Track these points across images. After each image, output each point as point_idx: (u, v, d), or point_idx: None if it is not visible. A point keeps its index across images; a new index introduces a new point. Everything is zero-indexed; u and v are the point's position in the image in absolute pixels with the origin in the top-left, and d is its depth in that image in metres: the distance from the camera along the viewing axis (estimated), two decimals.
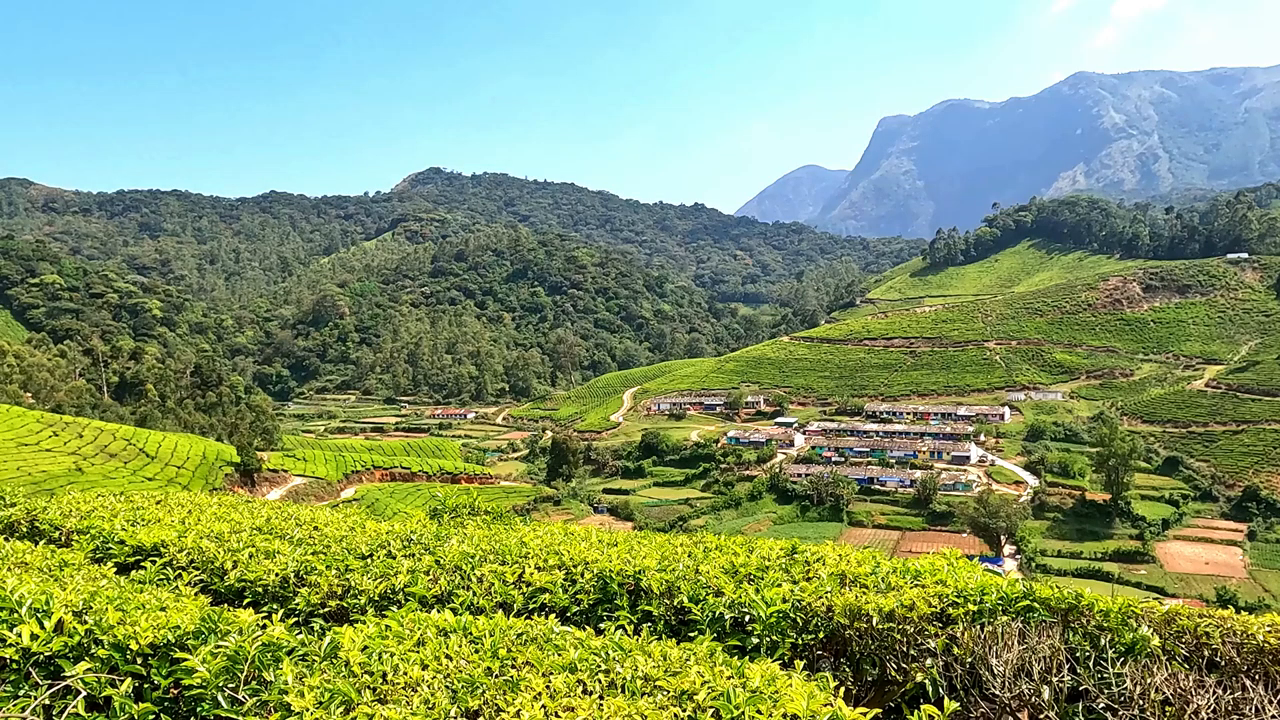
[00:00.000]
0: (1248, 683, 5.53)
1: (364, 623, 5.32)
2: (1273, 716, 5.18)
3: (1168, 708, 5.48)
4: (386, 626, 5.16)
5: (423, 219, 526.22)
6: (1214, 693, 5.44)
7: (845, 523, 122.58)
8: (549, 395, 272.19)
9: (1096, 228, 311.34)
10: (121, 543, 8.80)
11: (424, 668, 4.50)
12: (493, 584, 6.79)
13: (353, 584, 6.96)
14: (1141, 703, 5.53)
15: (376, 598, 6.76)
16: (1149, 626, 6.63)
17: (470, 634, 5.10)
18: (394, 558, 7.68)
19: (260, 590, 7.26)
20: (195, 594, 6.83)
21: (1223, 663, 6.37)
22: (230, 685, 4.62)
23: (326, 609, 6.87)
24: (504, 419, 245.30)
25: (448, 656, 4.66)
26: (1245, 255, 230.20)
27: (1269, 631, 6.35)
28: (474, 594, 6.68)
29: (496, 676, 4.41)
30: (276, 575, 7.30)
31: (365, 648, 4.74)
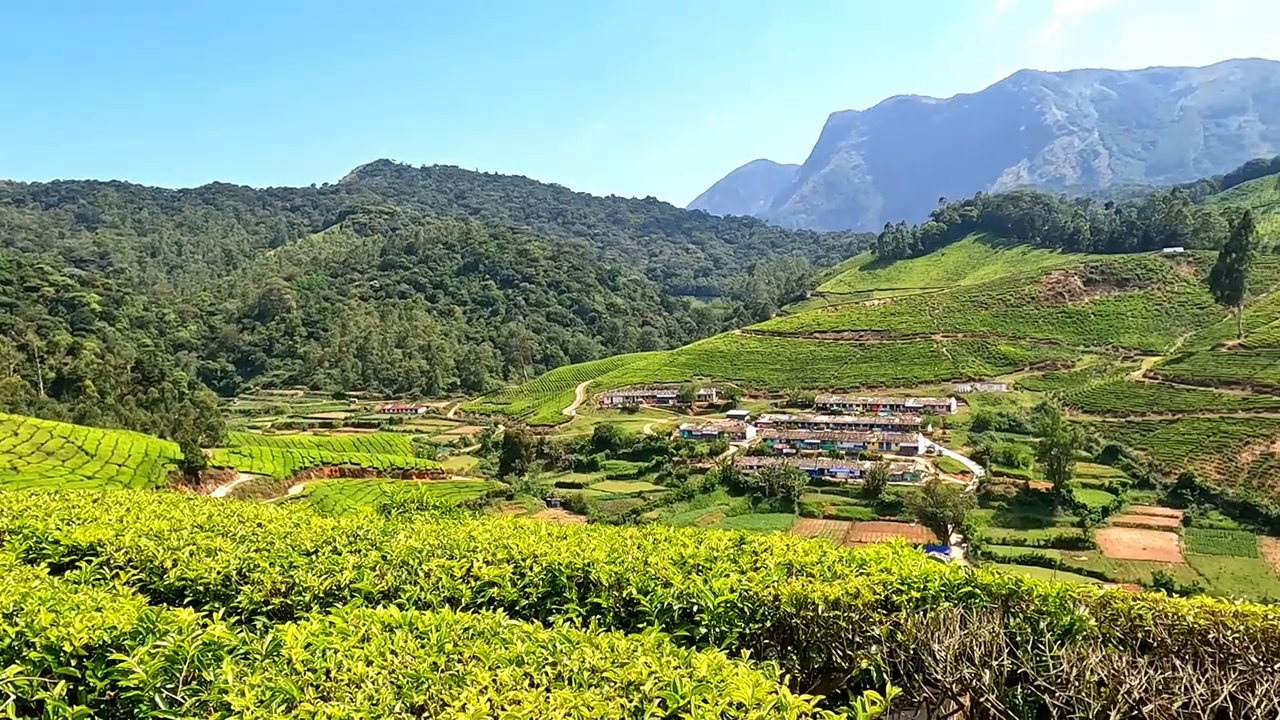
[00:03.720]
0: (1178, 662, 5.71)
1: (308, 620, 5.25)
2: (1201, 695, 5.36)
3: (1103, 688, 5.64)
4: (331, 623, 5.10)
5: (372, 211, 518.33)
6: (1146, 673, 5.60)
7: (797, 514, 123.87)
8: (501, 389, 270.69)
9: (1039, 222, 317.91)
10: (56, 542, 8.57)
11: (369, 664, 4.46)
12: (440, 579, 6.74)
13: (297, 581, 6.86)
14: (1077, 684, 5.68)
15: (321, 595, 6.67)
16: (1086, 610, 6.82)
17: (416, 629, 5.07)
18: (340, 554, 7.58)
19: (201, 589, 7.12)
20: (133, 594, 6.67)
21: (1155, 644, 6.57)
22: (168, 686, 4.54)
23: (270, 607, 6.76)
24: (456, 413, 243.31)
25: (393, 652, 4.62)
26: (1181, 250, 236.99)
27: (1199, 613, 6.57)
28: (421, 589, 6.63)
29: (442, 671, 4.38)
30: (218, 573, 7.17)
31: (309, 645, 4.68)
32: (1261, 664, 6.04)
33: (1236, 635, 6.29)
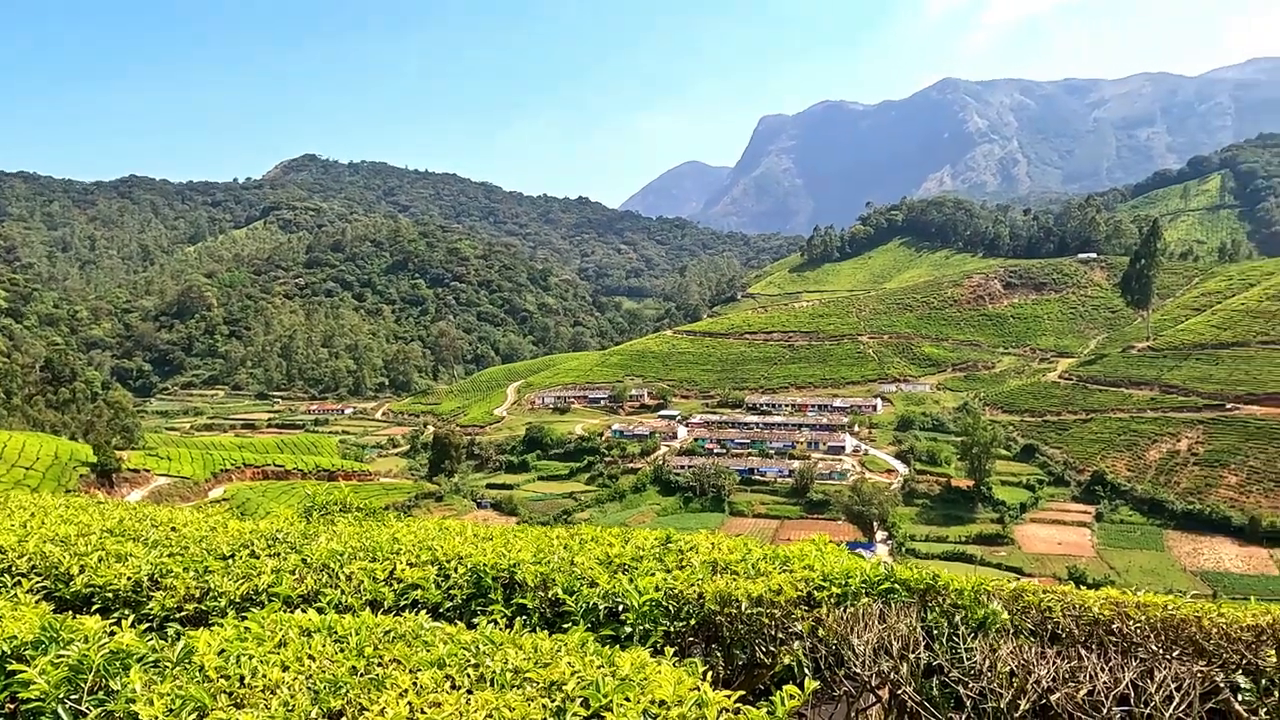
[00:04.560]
0: (1084, 652, 5.94)
1: (223, 625, 5.12)
2: (1104, 683, 5.58)
3: (1013, 679, 5.84)
4: (246, 628, 4.98)
5: (297, 207, 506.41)
6: (1054, 663, 5.81)
7: (727, 513, 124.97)
8: (431, 389, 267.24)
9: (962, 227, 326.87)
10: None
11: (285, 669, 4.37)
12: (362, 581, 6.63)
13: (212, 586, 6.67)
14: (990, 675, 5.87)
15: (238, 599, 6.50)
16: (999, 603, 7.04)
17: (335, 633, 4.98)
18: (257, 557, 7.40)
19: (110, 595, 6.87)
20: (36, 602, 6.39)
21: (1064, 634, 6.83)
22: (72, 696, 4.37)
23: (184, 613, 6.57)
24: (384, 414, 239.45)
25: (311, 657, 4.53)
26: (1094, 255, 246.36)
27: (1104, 604, 6.84)
28: (342, 592, 6.51)
29: (361, 675, 4.32)
30: (128, 579, 6.93)
31: (222, 651, 4.57)
32: (1161, 652, 6.32)
33: (1139, 625, 6.58)
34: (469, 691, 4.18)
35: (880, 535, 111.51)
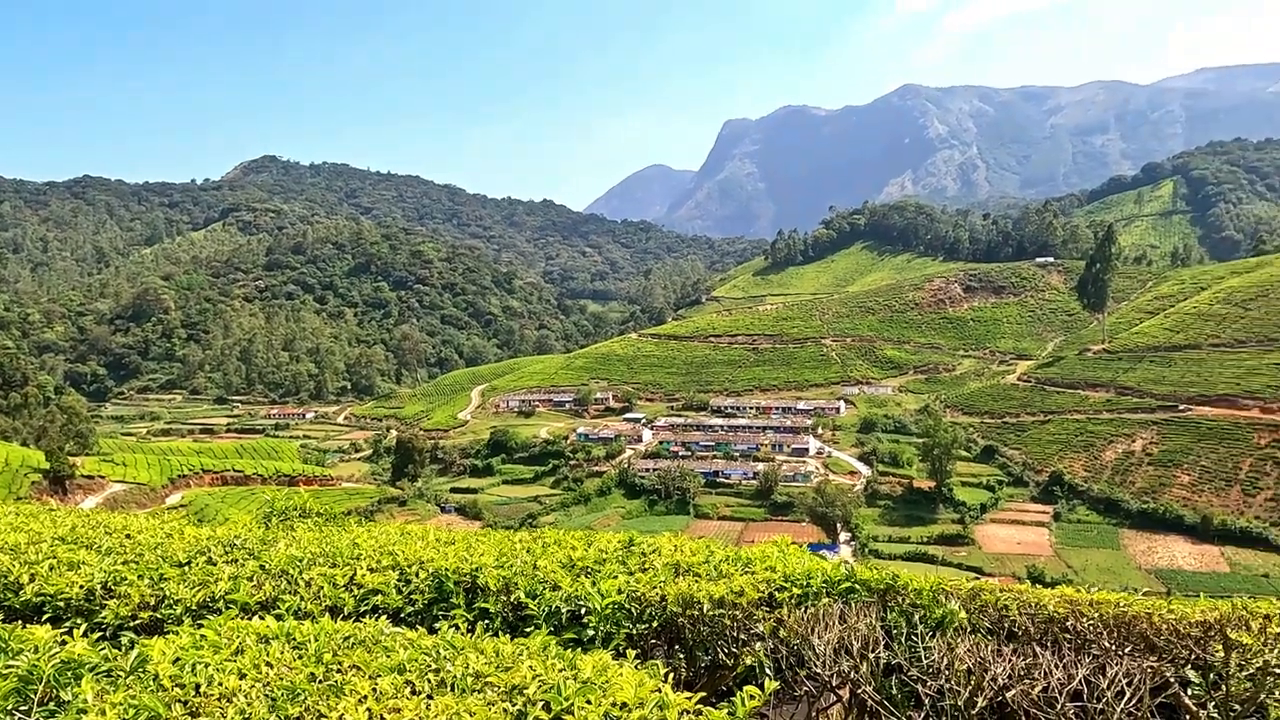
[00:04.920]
0: (1039, 649, 6.05)
1: (178, 634, 5.04)
2: (1059, 679, 5.69)
3: (971, 676, 5.93)
4: (202, 636, 4.91)
5: (257, 209, 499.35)
6: (1010, 660, 5.91)
7: (692, 515, 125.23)
8: (394, 393, 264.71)
9: (923, 231, 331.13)
10: None
11: (242, 677, 4.31)
12: (322, 587, 6.56)
13: (168, 593, 6.56)
14: (947, 672, 5.95)
15: (194, 607, 6.40)
16: (957, 602, 7.15)
17: (294, 639, 4.93)
18: (214, 564, 7.30)
19: (62, 604, 6.73)
20: None
21: (1020, 632, 6.94)
22: (21, 708, 4.29)
23: (138, 621, 6.45)
24: (346, 418, 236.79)
25: (268, 664, 4.48)
26: (1051, 259, 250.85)
27: (1058, 602, 6.97)
28: (301, 598, 6.44)
29: (320, 682, 4.28)
30: (81, 587, 6.79)
31: (177, 659, 4.50)
32: (1114, 648, 6.45)
33: (1092, 622, 6.71)
34: (429, 697, 4.16)
35: (844, 536, 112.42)
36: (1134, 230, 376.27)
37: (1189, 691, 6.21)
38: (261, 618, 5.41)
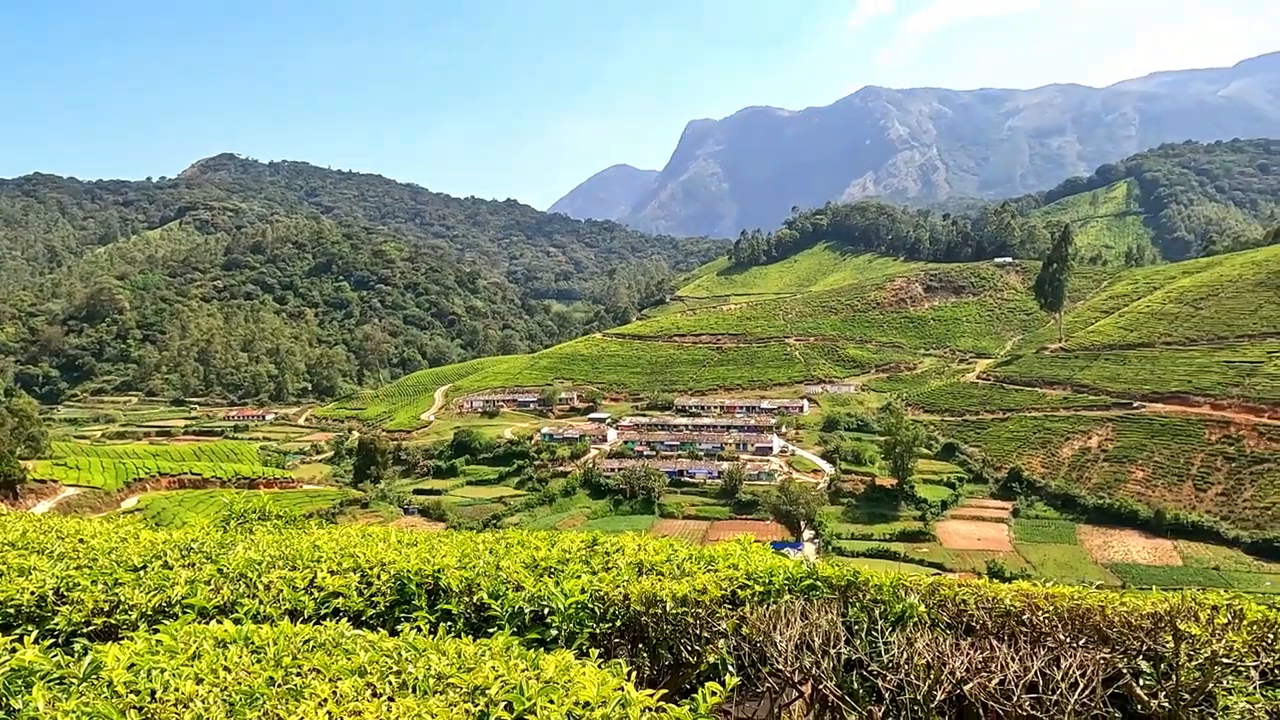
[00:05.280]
0: (994, 642, 6.15)
1: (133, 639, 4.95)
2: (1015, 672, 5.79)
3: (930, 670, 6.01)
4: (158, 642, 4.83)
5: (215, 207, 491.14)
6: (968, 654, 6.01)
7: (657, 515, 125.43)
8: (356, 394, 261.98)
9: (884, 232, 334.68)
10: None
11: (199, 682, 4.25)
12: (281, 590, 6.49)
13: (123, 599, 6.44)
14: (907, 666, 6.04)
15: (150, 612, 6.29)
16: (916, 598, 7.24)
17: (252, 644, 4.87)
18: (171, 568, 7.17)
19: (12, 611, 6.58)
20: None
21: (978, 626, 7.06)
22: None
23: (92, 627, 6.33)
24: (307, 420, 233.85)
25: (226, 668, 4.42)
26: (1010, 260, 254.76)
27: (1015, 596, 7.09)
28: (260, 602, 6.36)
29: (279, 685, 4.23)
30: (32, 594, 6.65)
31: (132, 665, 4.42)
32: (1068, 640, 6.58)
33: (1047, 615, 6.83)
34: (391, 699, 4.14)
35: (807, 534, 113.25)
36: (1090, 231, 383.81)
37: (1141, 681, 6.36)
38: (219, 622, 5.34)
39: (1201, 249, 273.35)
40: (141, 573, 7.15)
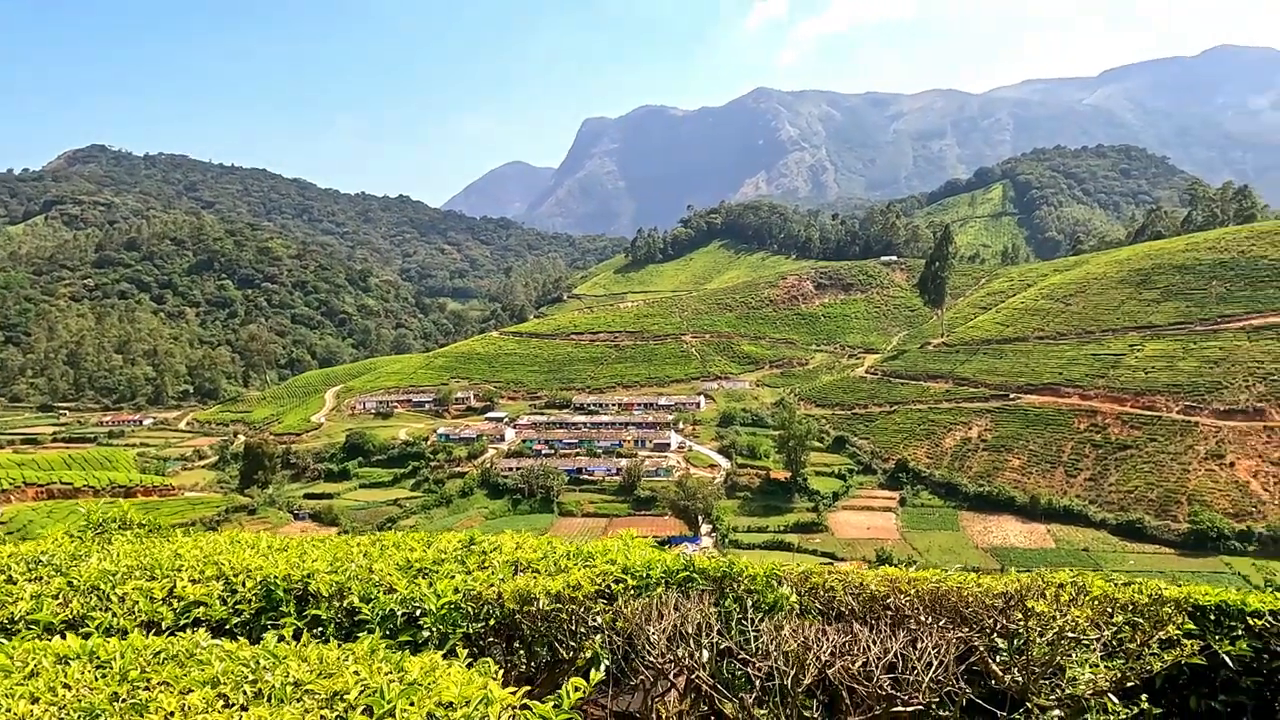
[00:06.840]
0: (858, 626, 6.39)
1: None
2: (876, 654, 6.03)
3: (796, 656, 6.20)
4: None
5: (84, 202, 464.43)
6: (833, 639, 6.22)
7: (556, 513, 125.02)
8: (241, 396, 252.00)
9: (776, 230, 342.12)
10: None
11: (34, 701, 4.04)
12: (137, 602, 6.21)
13: None
14: (775, 654, 6.21)
15: None
16: (789, 587, 7.45)
17: (98, 658, 4.65)
18: (15, 583, 6.77)
19: None
20: None
21: (846, 611, 7.31)
22: None
23: None
24: (189, 424, 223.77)
25: (65, 686, 4.22)
26: (895, 258, 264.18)
27: (880, 581, 7.38)
28: (114, 615, 6.07)
29: (122, 701, 4.06)
30: None
31: None
32: (929, 622, 6.89)
33: (909, 598, 7.13)
34: (244, 708, 4.02)
35: (705, 528, 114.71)
36: (969, 230, 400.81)
37: (998, 658, 6.71)
38: (65, 637, 5.09)
39: (1070, 248, 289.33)
40: None
